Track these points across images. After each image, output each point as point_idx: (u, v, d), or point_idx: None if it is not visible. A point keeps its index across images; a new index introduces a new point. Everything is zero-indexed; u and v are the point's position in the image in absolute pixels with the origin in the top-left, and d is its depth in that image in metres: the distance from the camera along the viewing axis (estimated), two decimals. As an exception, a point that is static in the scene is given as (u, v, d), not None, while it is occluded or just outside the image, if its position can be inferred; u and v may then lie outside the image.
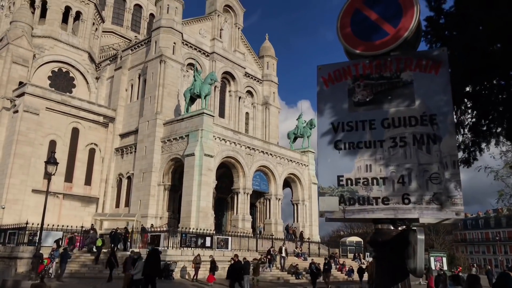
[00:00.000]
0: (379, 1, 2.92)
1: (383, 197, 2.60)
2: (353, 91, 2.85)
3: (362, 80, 2.84)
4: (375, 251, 2.69)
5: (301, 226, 37.12)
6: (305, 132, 39.74)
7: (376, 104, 2.78)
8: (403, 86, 2.74)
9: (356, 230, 66.47)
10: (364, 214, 2.63)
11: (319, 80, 2.96)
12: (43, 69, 36.53)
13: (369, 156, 2.69)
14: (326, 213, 2.70)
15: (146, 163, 31.93)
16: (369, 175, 2.67)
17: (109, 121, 36.26)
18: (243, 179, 32.84)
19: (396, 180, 2.61)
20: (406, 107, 2.69)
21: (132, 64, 37.62)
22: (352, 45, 2.92)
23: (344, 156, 2.75)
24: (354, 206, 2.65)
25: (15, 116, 31.57)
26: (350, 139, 2.77)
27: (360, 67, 2.86)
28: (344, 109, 2.84)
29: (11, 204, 29.16)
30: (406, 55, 2.79)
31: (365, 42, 2.89)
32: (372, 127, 2.74)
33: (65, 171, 32.75)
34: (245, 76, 42.31)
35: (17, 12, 36.52)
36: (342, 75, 2.90)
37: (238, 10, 42.55)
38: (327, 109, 2.87)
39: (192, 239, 23.79)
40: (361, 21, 2.94)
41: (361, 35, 2.92)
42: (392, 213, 2.56)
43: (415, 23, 2.77)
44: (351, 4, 3.02)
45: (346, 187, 2.69)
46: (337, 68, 2.93)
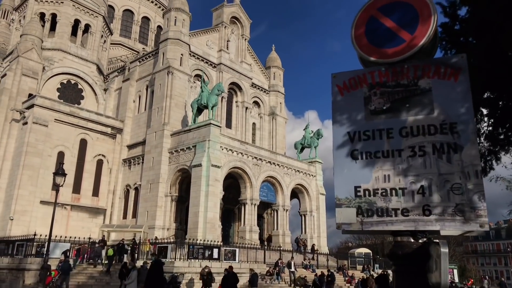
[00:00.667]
0: (395, 9, 2.87)
1: (403, 208, 2.52)
2: (369, 99, 2.78)
3: (378, 88, 2.78)
4: (395, 264, 2.59)
5: (309, 237, 36.75)
6: (312, 142, 39.58)
7: (393, 113, 2.71)
8: (421, 93, 2.67)
9: (365, 241, 65.70)
10: (383, 226, 2.54)
11: (333, 88, 2.90)
12: (52, 81, 36.95)
13: (387, 166, 2.62)
14: (343, 225, 2.62)
15: (153, 174, 31.95)
16: (388, 186, 2.59)
17: (117, 132, 36.45)
18: (250, 190, 32.70)
19: (416, 190, 2.52)
20: (425, 115, 2.62)
21: (140, 75, 37.93)
22: (367, 53, 2.86)
23: (361, 166, 2.67)
24: (372, 217, 2.57)
25: (24, 127, 31.86)
26: (367, 148, 2.69)
27: (376, 75, 2.80)
28: (361, 118, 2.77)
29: (20, 215, 29.25)
30: (424, 62, 2.72)
31: (380, 50, 2.83)
32: (390, 136, 2.67)
33: (73, 182, 32.86)
34: (252, 87, 42.44)
35: (27, 25, 37.12)
36: (358, 83, 2.84)
37: (244, 21, 42.88)
38: (342, 118, 2.80)
39: (199, 251, 23.60)
40: (376, 28, 2.89)
41: (377, 43, 2.86)
42: (413, 225, 2.47)
43: (432, 31, 2.71)
44: (366, 11, 2.97)
45: (364, 198, 2.61)
46: (352, 76, 2.87)
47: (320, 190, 38.61)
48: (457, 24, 4.18)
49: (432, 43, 2.77)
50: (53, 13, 39.25)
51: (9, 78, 33.82)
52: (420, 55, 2.75)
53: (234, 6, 42.20)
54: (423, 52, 2.75)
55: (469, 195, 2.38)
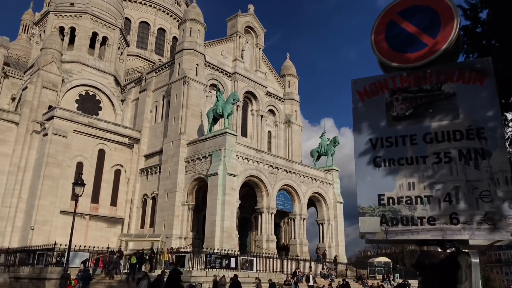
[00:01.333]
0: (416, 13, 2.82)
1: (429, 217, 2.44)
2: (391, 105, 2.73)
3: (400, 94, 2.72)
4: (422, 275, 2.50)
5: (327, 246, 36.33)
6: (329, 150, 39.29)
7: (416, 118, 2.64)
8: (445, 98, 2.60)
9: (384, 250, 64.53)
10: (409, 235, 2.47)
11: (354, 94, 2.86)
12: (71, 93, 37.73)
13: (412, 173, 2.54)
14: (367, 234, 2.55)
15: (170, 183, 32.15)
16: (413, 194, 2.52)
17: (134, 142, 36.91)
18: (267, 199, 32.57)
19: (442, 198, 2.44)
20: (450, 120, 2.55)
21: (156, 86, 38.44)
22: (388, 58, 2.81)
23: (384, 174, 2.61)
24: (397, 226, 2.50)
25: (44, 139, 32.54)
26: (390, 155, 2.63)
27: (397, 80, 2.75)
28: (382, 124, 2.71)
29: (40, 225, 29.73)
30: (447, 67, 2.66)
31: (401, 55, 2.78)
32: (414, 142, 2.60)
33: (92, 192, 33.30)
34: (267, 95, 42.52)
35: (47, 39, 38.09)
36: (379, 88, 2.79)
37: (259, 30, 43.13)
38: (364, 125, 2.75)
39: (216, 260, 23.54)
40: (397, 33, 2.84)
41: (397, 48, 2.81)
42: (440, 234, 2.39)
43: (455, 34, 2.65)
44: (386, 16, 2.92)
45: (388, 207, 2.54)
46: (373, 81, 2.82)
47: (337, 199, 38.22)
48: (479, 27, 4.09)
49: (455, 47, 2.71)
50: (72, 26, 40.23)
51: (30, 90, 34.69)
52: (443, 59, 2.69)
53: (248, 15, 42.53)
54: (446, 56, 2.69)
55: (499, 202, 2.29)
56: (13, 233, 30.56)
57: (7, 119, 33.43)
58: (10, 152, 32.62)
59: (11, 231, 30.62)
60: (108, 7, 43.10)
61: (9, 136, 33.05)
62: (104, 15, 41.99)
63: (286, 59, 47.26)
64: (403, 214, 2.50)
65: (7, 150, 32.59)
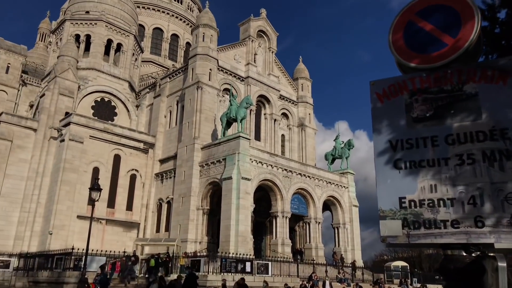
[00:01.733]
0: (434, 12, 2.77)
1: (453, 220, 2.38)
2: (410, 106, 2.68)
3: (420, 95, 2.67)
4: (446, 279, 2.44)
5: (343, 250, 35.99)
6: (344, 153, 39.02)
7: (437, 120, 2.59)
8: (466, 99, 2.55)
9: (401, 254, 63.61)
10: (431, 238, 2.41)
11: (372, 96, 2.82)
12: (87, 99, 38.35)
13: (433, 176, 2.49)
14: (389, 237, 2.51)
15: (185, 188, 32.33)
16: (435, 196, 2.46)
17: (149, 147, 37.26)
18: (281, 202, 32.47)
19: (466, 201, 2.38)
20: (472, 121, 2.49)
21: (170, 91, 38.80)
22: (406, 59, 2.77)
23: (405, 176, 2.56)
24: (420, 230, 2.44)
25: (61, 144, 33.11)
26: (411, 157, 2.58)
27: (417, 81, 2.70)
28: (402, 125, 2.66)
29: (58, 230, 30.19)
30: (468, 66, 2.60)
31: (420, 55, 2.74)
32: (435, 144, 2.55)
33: (108, 197, 33.69)
34: (280, 99, 42.50)
35: (63, 47, 38.85)
36: (398, 90, 2.74)
37: (271, 34, 43.20)
38: (383, 127, 2.70)
39: (232, 264, 23.54)
40: (415, 33, 2.79)
41: (417, 48, 2.76)
42: (464, 237, 2.33)
43: (476, 33, 2.59)
44: (403, 16, 2.88)
45: (410, 210, 2.49)
46: (392, 82, 2.78)
47: (353, 202, 37.88)
48: (497, 28, 4.01)
49: (476, 46, 2.65)
50: (88, 34, 40.94)
51: (47, 97, 35.38)
52: (463, 59, 2.63)
53: (261, 20, 42.65)
54: (467, 56, 2.63)
55: (525, 205, 2.23)
56: (32, 237, 31.12)
57: (26, 125, 34.13)
58: (28, 158, 33.29)
59: (30, 235, 31.18)
60: (122, 14, 43.77)
61: (28, 142, 33.74)
62: (118, 22, 42.65)
63: (299, 62, 47.22)
64: (425, 217, 2.45)
65: (26, 156, 33.26)
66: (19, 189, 32.28)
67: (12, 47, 43.10)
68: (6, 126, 33.16)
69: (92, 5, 42.45)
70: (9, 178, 32.14)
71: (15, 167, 32.61)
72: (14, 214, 31.60)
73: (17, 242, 30.86)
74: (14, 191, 32.03)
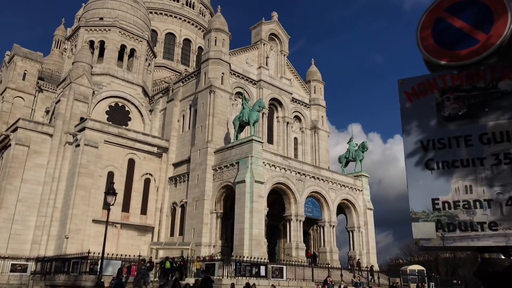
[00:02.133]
0: (465, 8, 2.69)
1: (490, 221, 2.29)
2: (442, 105, 2.60)
3: (451, 93, 2.59)
4: (484, 284, 2.35)
5: (357, 254, 35.61)
6: (357, 156, 38.69)
7: (470, 118, 2.50)
8: (501, 96, 2.46)
9: (417, 258, 62.64)
10: (468, 241, 2.32)
11: (401, 95, 2.74)
12: (101, 104, 38.81)
13: (468, 176, 2.40)
14: (422, 240, 2.42)
15: (198, 191, 32.41)
16: (470, 197, 2.37)
17: (163, 151, 37.50)
18: (295, 206, 32.30)
19: (504, 202, 2.29)
20: (508, 119, 2.40)
21: (183, 95, 39.04)
22: (436, 56, 2.69)
23: (437, 177, 2.48)
24: (455, 232, 2.36)
25: (77, 149, 33.53)
26: (444, 157, 2.50)
27: (447, 79, 2.62)
28: (433, 125, 2.58)
29: (74, 234, 30.52)
30: (502, 63, 2.51)
31: (451, 52, 2.65)
32: (469, 143, 2.46)
33: (122, 201, 33.94)
34: (292, 102, 42.40)
35: (78, 53, 39.43)
36: (428, 88, 2.67)
37: (283, 37, 43.19)
38: (413, 127, 2.63)
39: (246, 268, 23.47)
40: (445, 30, 2.71)
41: (447, 45, 2.68)
42: (503, 240, 2.24)
43: (509, 29, 2.50)
44: (432, 13, 2.80)
45: (444, 211, 2.41)
46: (421, 81, 2.70)
47: (367, 205, 37.50)
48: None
49: (509, 42, 2.56)
50: (101, 40, 41.50)
51: (63, 103, 35.90)
52: (496, 55, 2.55)
53: (272, 23, 42.69)
54: (500, 52, 2.54)
55: None
56: (48, 241, 31.52)
57: (42, 131, 34.67)
58: (45, 163, 33.78)
59: (46, 239, 31.59)
60: (135, 20, 44.28)
61: (44, 147, 34.25)
62: (131, 28, 43.14)
63: (311, 64, 47.08)
64: (460, 219, 2.36)
65: (42, 161, 33.76)
66: (36, 193, 32.78)
67: (29, 54, 43.90)
68: (23, 132, 33.73)
69: (106, 11, 43.05)
70: (26, 183, 32.66)
71: (32, 172, 33.13)
72: (31, 218, 32.08)
73: (34, 246, 31.29)
74: (31, 195, 32.53)
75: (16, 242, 30.88)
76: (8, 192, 31.85)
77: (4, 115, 41.13)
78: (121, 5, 44.01)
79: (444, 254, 56.60)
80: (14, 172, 32.51)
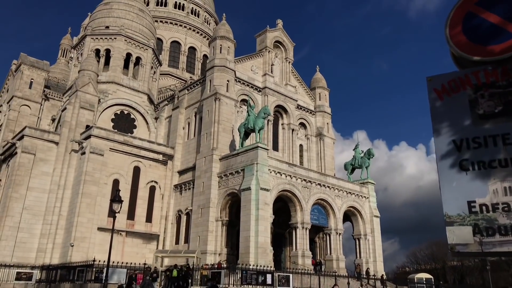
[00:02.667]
0: (496, 2, 2.57)
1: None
2: (476, 102, 2.48)
3: (486, 89, 2.46)
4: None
5: (364, 262, 35.20)
6: (363, 163, 38.42)
7: (507, 116, 2.38)
8: (540, 93, 2.33)
9: (423, 266, 61.91)
10: (509, 246, 2.18)
11: (430, 93, 2.62)
12: (107, 112, 38.89)
13: (507, 177, 2.27)
14: (458, 246, 2.29)
15: (203, 199, 32.25)
16: (510, 200, 2.24)
17: (168, 159, 37.43)
18: (301, 213, 32.04)
19: (548, 204, 2.15)
20: (549, 116, 2.27)
21: (188, 103, 39.06)
22: (468, 52, 2.57)
23: (473, 178, 2.35)
24: (494, 237, 2.22)
25: (82, 157, 33.54)
26: (480, 157, 2.37)
27: (481, 75, 2.50)
28: (467, 123, 2.46)
29: (79, 242, 30.39)
30: (540, 58, 2.39)
31: (484, 47, 2.54)
32: (507, 142, 2.33)
33: (128, 209, 33.81)
34: (298, 109, 42.32)
35: (84, 61, 39.65)
36: (460, 85, 2.54)
37: (288, 45, 43.25)
38: (445, 125, 2.50)
39: (252, 276, 23.23)
40: (476, 25, 2.60)
41: (479, 40, 2.57)
42: (548, 245, 2.10)
43: (545, 22, 2.38)
44: (462, 7, 2.69)
45: (481, 215, 2.27)
46: (452, 78, 2.58)
47: (374, 212, 37.16)
48: None
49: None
50: (107, 48, 41.73)
51: (69, 111, 36.01)
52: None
53: (277, 30, 42.78)
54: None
55: None
56: (54, 249, 31.39)
57: (48, 139, 34.72)
58: (51, 171, 33.79)
59: (52, 247, 31.47)
60: (141, 28, 44.53)
61: (50, 155, 34.28)
62: (137, 36, 43.38)
63: (316, 72, 47.06)
64: (500, 223, 2.23)
65: (48, 169, 33.78)
66: (42, 201, 32.74)
67: (35, 63, 44.19)
68: (29, 139, 33.80)
69: (112, 20, 43.35)
70: (32, 191, 32.65)
71: (38, 180, 33.13)
72: (37, 226, 32.00)
73: (39, 254, 31.18)
74: (37, 203, 32.50)
75: (22, 250, 30.79)
76: (14, 200, 31.84)
77: (11, 123, 41.30)
78: (127, 14, 44.32)
79: (452, 262, 55.92)
80: (20, 180, 32.52)
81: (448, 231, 2.32)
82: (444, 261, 59.63)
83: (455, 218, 2.32)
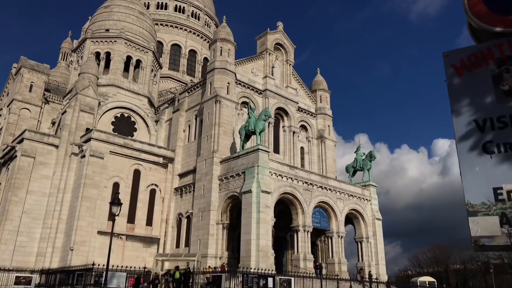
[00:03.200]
0: (520, -33, 2.31)
1: None
2: (500, 77, 2.21)
3: (511, 63, 2.19)
4: None
5: (366, 265, 34.82)
6: (365, 165, 38.11)
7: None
8: None
9: (426, 269, 61.36)
10: (542, 238, 1.91)
11: (448, 69, 2.35)
12: (107, 115, 38.69)
13: (539, 160, 2.00)
14: (482, 238, 2.01)
15: (204, 202, 31.96)
16: (543, 185, 1.97)
17: (169, 162, 37.18)
18: (302, 216, 31.71)
19: None
20: None
21: (188, 106, 38.85)
22: (489, 23, 2.30)
23: (499, 162, 2.07)
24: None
25: (82, 160, 33.30)
26: (506, 139, 2.09)
27: (505, 47, 2.23)
28: (490, 101, 2.19)
29: (79, 246, 30.09)
30: None
31: (507, 17, 2.27)
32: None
33: (128, 212, 33.55)
34: (298, 111, 42.08)
35: (84, 64, 39.51)
36: (481, 59, 2.28)
37: (288, 47, 43.08)
38: (464, 104, 2.23)
39: (253, 280, 22.88)
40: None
41: (501, 10, 2.30)
42: None
43: None
44: (481, -25, 2.43)
45: (509, 203, 2.00)
46: (473, 52, 2.31)
47: (376, 215, 36.81)
48: None
49: None
50: (107, 51, 41.60)
51: (69, 114, 35.82)
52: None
53: (278, 33, 42.63)
54: None
55: None
56: (53, 253, 31.10)
57: (48, 142, 34.52)
58: (50, 175, 33.56)
59: (51, 251, 31.17)
60: (141, 31, 44.43)
61: (50, 158, 34.06)
62: (137, 39, 43.26)
63: (317, 74, 46.84)
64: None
65: (48, 172, 33.55)
66: (41, 205, 32.49)
67: (35, 66, 44.05)
68: (29, 143, 33.60)
69: (112, 23, 43.26)
70: (32, 194, 32.41)
71: (37, 183, 32.89)
72: (37, 230, 31.73)
73: (39, 258, 30.89)
74: (36, 207, 32.24)
75: (21, 254, 30.51)
76: (14, 204, 31.59)
77: (11, 127, 41.10)
78: (127, 17, 44.23)
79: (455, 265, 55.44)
80: (20, 183, 32.29)
81: (471, 222, 2.04)
82: (447, 264, 59.14)
83: (479, 207, 2.05)
